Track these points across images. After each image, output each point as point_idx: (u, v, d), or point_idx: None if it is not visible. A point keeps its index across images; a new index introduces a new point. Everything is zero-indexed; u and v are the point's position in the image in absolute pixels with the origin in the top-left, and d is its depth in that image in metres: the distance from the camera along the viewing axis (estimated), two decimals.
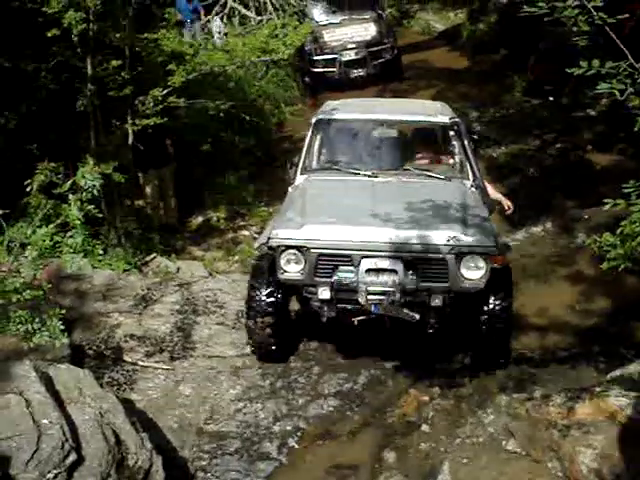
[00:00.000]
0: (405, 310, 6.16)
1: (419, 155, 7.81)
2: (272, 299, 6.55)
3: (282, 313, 6.74)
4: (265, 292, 6.54)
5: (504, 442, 5.40)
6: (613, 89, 3.61)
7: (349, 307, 6.31)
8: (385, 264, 6.17)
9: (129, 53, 8.92)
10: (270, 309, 6.57)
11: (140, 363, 6.88)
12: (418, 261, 6.18)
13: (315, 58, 15.10)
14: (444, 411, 5.37)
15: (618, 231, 3.86)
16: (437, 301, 6.20)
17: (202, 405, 6.48)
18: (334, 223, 6.32)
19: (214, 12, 13.40)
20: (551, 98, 12.28)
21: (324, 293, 6.25)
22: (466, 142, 7.37)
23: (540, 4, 3.59)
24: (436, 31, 18.99)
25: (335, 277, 6.20)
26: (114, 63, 8.38)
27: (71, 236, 6.33)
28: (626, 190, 3.82)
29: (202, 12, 14.41)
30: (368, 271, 6.17)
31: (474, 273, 6.17)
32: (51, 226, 6.25)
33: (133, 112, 8.95)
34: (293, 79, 15.30)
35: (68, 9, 7.76)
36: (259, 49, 9.73)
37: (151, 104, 8.75)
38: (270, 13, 13.63)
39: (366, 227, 6.27)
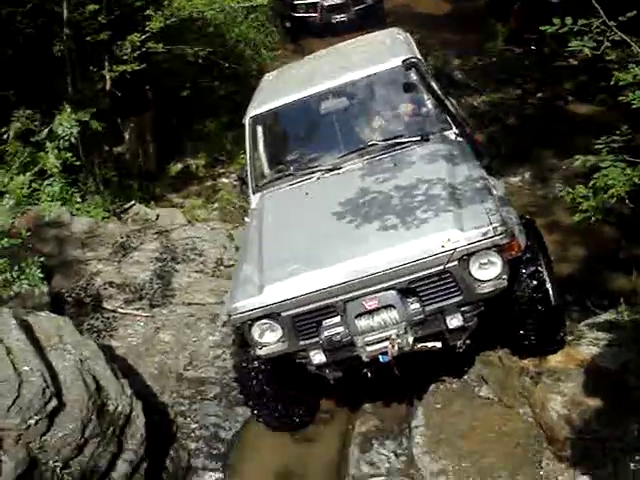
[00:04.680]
0: (421, 344, 5.04)
1: (383, 117, 6.43)
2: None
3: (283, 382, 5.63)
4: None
5: (477, 389, 5.54)
6: (585, 46, 3.62)
7: (354, 363, 5.16)
8: (375, 302, 4.90)
9: None
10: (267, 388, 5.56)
11: (120, 310, 6.93)
12: (416, 283, 4.90)
13: (296, 2, 14.89)
14: (417, 358, 5.41)
15: (590, 184, 3.91)
16: (455, 321, 4.99)
17: (182, 352, 6.56)
18: (297, 272, 5.00)
19: None
20: (533, 47, 12.18)
21: (317, 357, 5.11)
22: (433, 83, 5.97)
23: None
24: None
25: (323, 335, 5.00)
26: (91, 7, 8.25)
27: (49, 184, 6.35)
28: (597, 146, 3.85)
29: None
30: (359, 317, 4.94)
31: (489, 272, 4.85)
32: (28, 174, 6.25)
33: (111, 58, 8.85)
34: (274, 24, 15.10)
35: None
36: None
37: (129, 49, 8.67)
38: None
39: (338, 264, 4.93)
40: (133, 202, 9.05)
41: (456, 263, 4.78)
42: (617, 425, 4.86)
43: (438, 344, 5.07)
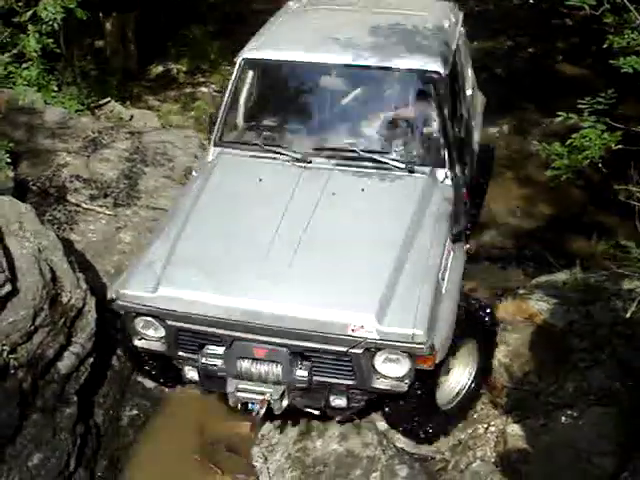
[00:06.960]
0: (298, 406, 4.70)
1: (378, 124, 5.56)
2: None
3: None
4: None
5: None
6: (584, 3, 3.61)
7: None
8: (264, 354, 4.42)
9: None
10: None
11: (83, 205, 6.84)
12: (311, 352, 4.42)
13: None
14: None
15: (567, 142, 3.96)
16: (338, 401, 4.61)
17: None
18: (197, 287, 4.49)
19: None
20: (532, 0, 12.08)
21: (190, 374, 4.84)
22: (447, 108, 5.32)
23: None
24: None
25: (201, 359, 4.57)
26: None
27: (26, 68, 6.19)
28: (580, 106, 3.89)
29: None
30: (242, 358, 4.49)
31: (393, 370, 4.35)
32: (6, 55, 6.08)
33: None
34: None
35: None
36: None
37: None
38: None
39: (240, 298, 4.42)
40: (109, 99, 8.92)
41: (360, 352, 4.28)
42: (554, 381, 5.03)
43: (316, 412, 4.76)
